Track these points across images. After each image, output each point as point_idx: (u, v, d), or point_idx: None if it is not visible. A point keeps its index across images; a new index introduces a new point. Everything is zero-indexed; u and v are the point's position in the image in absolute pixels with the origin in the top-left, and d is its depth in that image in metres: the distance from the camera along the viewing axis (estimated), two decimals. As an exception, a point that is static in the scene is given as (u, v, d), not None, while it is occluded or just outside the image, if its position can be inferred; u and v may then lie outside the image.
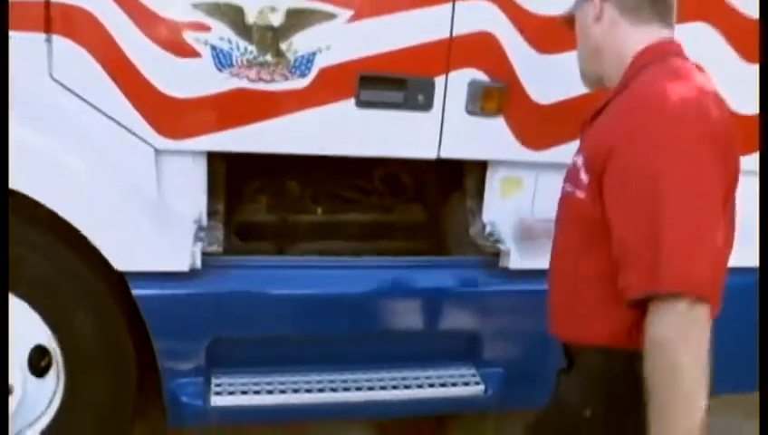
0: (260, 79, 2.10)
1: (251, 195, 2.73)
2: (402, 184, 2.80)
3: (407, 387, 2.33)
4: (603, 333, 1.42)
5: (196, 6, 2.01)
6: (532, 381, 2.43)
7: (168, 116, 2.11)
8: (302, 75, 2.11)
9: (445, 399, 2.36)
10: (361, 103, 2.16)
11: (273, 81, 2.10)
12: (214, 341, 2.24)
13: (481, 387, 2.38)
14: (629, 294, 1.28)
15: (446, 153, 2.29)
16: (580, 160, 1.42)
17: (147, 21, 2.01)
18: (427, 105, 2.21)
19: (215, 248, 2.14)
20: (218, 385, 2.26)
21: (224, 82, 2.08)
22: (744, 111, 2.18)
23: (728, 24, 2.30)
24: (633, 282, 1.27)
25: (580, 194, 1.39)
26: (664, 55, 1.44)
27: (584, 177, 1.38)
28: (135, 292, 2.11)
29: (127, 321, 2.22)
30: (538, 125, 2.30)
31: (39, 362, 2.23)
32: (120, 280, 2.12)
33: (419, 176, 2.82)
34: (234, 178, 2.61)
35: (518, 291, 2.34)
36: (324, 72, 2.11)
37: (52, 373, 2.24)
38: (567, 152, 2.30)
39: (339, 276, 2.30)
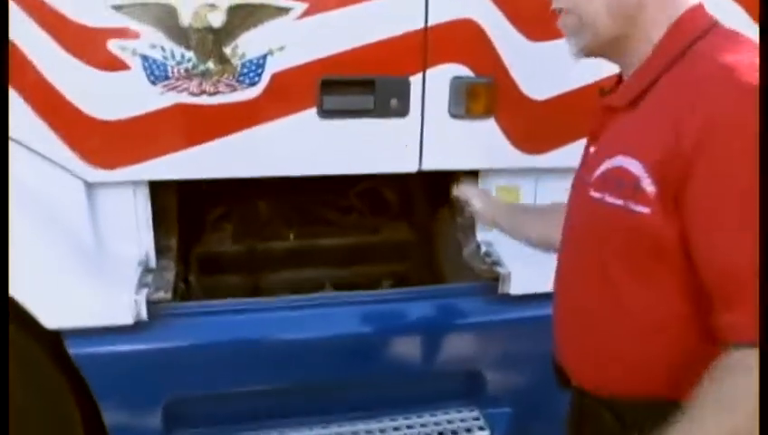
0: (202, 91, 1.77)
1: (214, 223, 2.40)
2: (385, 200, 2.47)
3: (400, 439, 2.00)
4: (666, 383, 1.11)
5: (118, 9, 1.69)
6: (543, 418, 2.13)
7: (98, 142, 1.78)
8: (252, 84, 1.78)
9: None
10: (325, 113, 1.84)
11: (217, 92, 1.78)
12: (172, 400, 1.92)
13: (486, 433, 2.04)
14: (740, 338, 0.96)
15: (429, 164, 1.96)
16: (632, 164, 1.06)
17: (62, 31, 1.68)
18: (402, 110, 1.88)
19: (161, 295, 1.81)
20: (179, 452, 1.93)
21: (159, 99, 1.76)
22: None
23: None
24: (746, 322, 0.95)
25: (642, 208, 1.04)
26: (714, 22, 1.11)
27: (650, 187, 1.03)
28: (72, 351, 1.78)
29: (70, 383, 1.89)
30: (535, 125, 1.97)
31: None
32: (57, 337, 1.80)
33: (404, 190, 2.48)
34: (193, 205, 2.29)
35: (521, 319, 2.01)
36: (278, 79, 1.78)
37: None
38: (570, 154, 1.97)
39: (315, 317, 1.96)
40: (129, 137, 1.79)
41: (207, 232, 2.37)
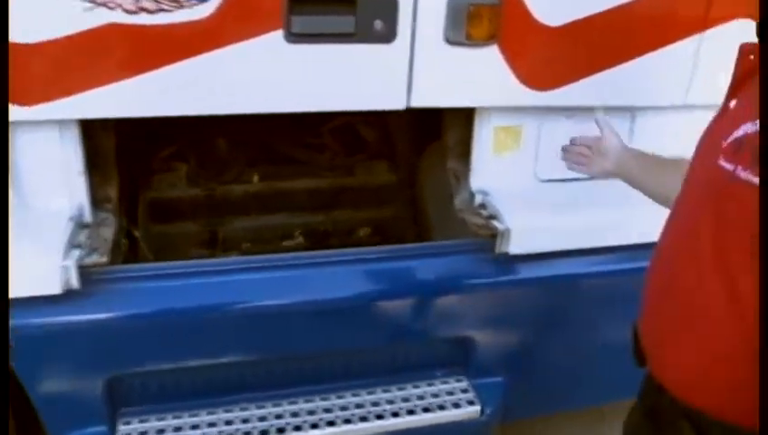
0: (140, 9, 1.42)
1: (165, 163, 2.07)
2: (361, 138, 2.16)
3: (379, 417, 1.76)
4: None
5: None
6: (538, 390, 1.93)
7: (14, 72, 1.43)
8: None
9: (427, 428, 1.80)
10: (293, 36, 1.49)
11: (160, 10, 1.43)
12: (116, 377, 1.65)
13: (476, 408, 1.82)
14: None
15: (419, 101, 1.64)
16: None
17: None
18: (388, 34, 1.55)
19: (95, 259, 1.50)
20: (126, 435, 1.67)
21: (85, 17, 1.40)
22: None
23: None
24: None
25: None
26: None
27: None
28: (-11, 325, 1.49)
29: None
30: (545, 56, 1.66)
31: None
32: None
33: (383, 126, 2.17)
34: (140, 144, 1.96)
35: (518, 281, 1.76)
36: (235, -7, 1.43)
37: None
38: (584, 92, 1.70)
39: (279, 280, 1.67)
40: (50, 66, 1.43)
41: (158, 174, 2.05)
